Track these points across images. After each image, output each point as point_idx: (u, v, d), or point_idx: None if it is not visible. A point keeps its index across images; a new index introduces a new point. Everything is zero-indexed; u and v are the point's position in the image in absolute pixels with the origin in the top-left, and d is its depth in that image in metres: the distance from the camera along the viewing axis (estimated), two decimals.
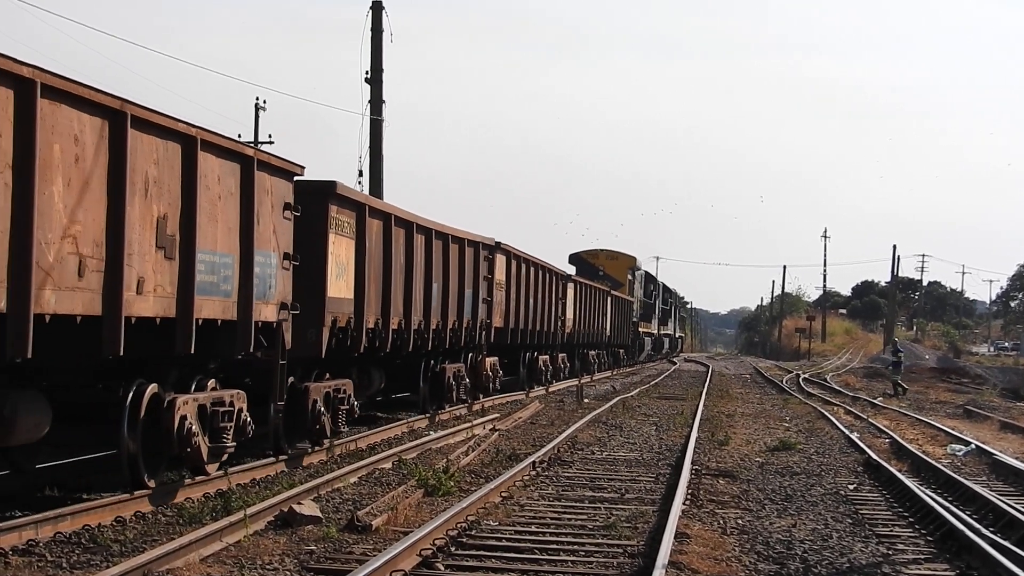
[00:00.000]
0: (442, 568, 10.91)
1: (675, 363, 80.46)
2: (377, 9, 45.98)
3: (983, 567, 11.53)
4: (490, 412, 27.99)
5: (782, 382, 52.88)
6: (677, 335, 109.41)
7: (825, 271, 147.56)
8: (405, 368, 24.44)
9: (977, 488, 16.90)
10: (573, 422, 25.77)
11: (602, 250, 69.80)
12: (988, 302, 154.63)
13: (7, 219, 10.18)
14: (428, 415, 25.21)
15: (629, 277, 68.73)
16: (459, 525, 12.69)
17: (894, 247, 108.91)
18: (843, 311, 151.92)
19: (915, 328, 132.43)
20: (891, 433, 26.09)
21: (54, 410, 12.12)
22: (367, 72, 45.50)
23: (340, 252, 18.50)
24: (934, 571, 11.72)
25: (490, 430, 23.45)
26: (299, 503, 13.28)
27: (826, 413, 32.13)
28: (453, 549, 11.72)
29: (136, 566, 9.86)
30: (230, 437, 14.40)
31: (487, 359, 30.18)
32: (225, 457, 14.56)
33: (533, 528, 13.12)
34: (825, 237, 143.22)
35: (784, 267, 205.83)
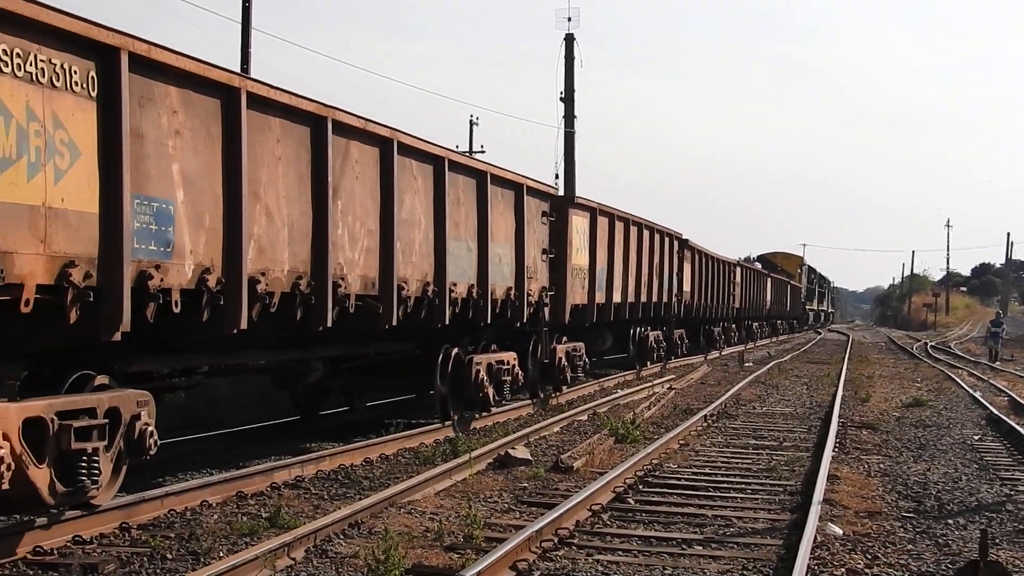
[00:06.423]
0: (632, 502, 10.67)
1: (820, 333, 78.93)
2: (569, 40, 46.17)
3: None
4: (668, 373, 27.77)
5: (912, 349, 51.07)
6: (828, 310, 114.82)
7: (948, 255, 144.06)
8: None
9: None
10: (736, 383, 25.25)
11: (779, 252, 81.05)
12: None
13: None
14: (635, 370, 27.68)
15: (798, 271, 79.40)
16: (645, 467, 12.47)
17: (1008, 234, 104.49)
18: (963, 289, 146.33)
19: None
20: (1009, 392, 25.00)
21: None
22: (561, 92, 45.79)
23: (687, 270, 30.47)
24: None
25: (668, 388, 23.22)
26: (513, 448, 13.21)
27: (952, 375, 30.92)
28: (640, 487, 11.48)
29: (384, 498, 9.91)
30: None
31: (722, 326, 42.31)
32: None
33: (707, 470, 12.82)
34: (948, 226, 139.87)
35: (912, 252, 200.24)
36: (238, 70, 27.11)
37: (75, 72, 7.44)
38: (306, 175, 10.31)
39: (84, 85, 7.52)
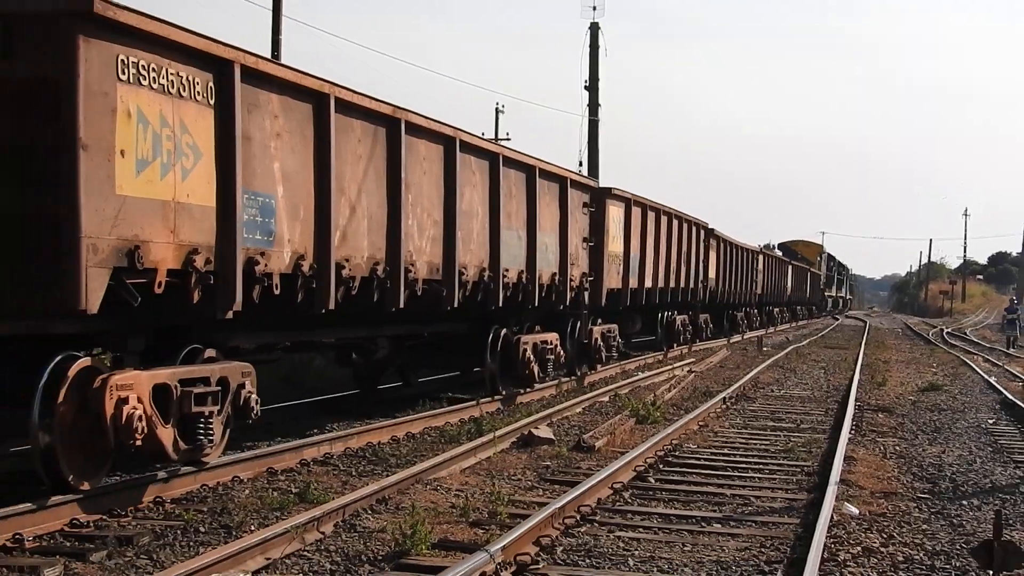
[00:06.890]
0: (652, 481, 10.83)
1: (838, 319, 79.06)
2: (594, 28, 46.15)
3: None
4: (686, 357, 28.57)
5: (928, 335, 51.20)
6: (847, 297, 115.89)
7: (965, 243, 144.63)
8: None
9: None
10: (755, 366, 25.69)
11: (800, 240, 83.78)
12: None
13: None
14: (663, 351, 28.65)
15: (818, 259, 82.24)
16: (665, 447, 12.62)
17: None
18: (980, 277, 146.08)
19: None
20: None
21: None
22: (586, 81, 46.03)
23: (712, 258, 32.95)
24: None
25: (688, 371, 23.86)
26: (536, 427, 13.39)
27: (967, 361, 31.31)
28: (661, 466, 11.67)
29: (411, 475, 10.12)
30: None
31: (745, 311, 44.22)
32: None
33: (726, 451, 12.98)
34: (966, 215, 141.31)
35: (930, 240, 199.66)
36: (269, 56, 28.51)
37: (197, 83, 8.48)
38: (382, 171, 11.37)
39: (204, 94, 8.57)
